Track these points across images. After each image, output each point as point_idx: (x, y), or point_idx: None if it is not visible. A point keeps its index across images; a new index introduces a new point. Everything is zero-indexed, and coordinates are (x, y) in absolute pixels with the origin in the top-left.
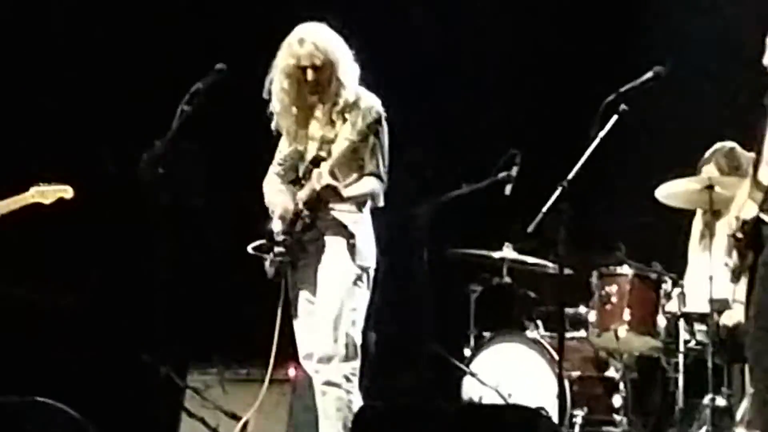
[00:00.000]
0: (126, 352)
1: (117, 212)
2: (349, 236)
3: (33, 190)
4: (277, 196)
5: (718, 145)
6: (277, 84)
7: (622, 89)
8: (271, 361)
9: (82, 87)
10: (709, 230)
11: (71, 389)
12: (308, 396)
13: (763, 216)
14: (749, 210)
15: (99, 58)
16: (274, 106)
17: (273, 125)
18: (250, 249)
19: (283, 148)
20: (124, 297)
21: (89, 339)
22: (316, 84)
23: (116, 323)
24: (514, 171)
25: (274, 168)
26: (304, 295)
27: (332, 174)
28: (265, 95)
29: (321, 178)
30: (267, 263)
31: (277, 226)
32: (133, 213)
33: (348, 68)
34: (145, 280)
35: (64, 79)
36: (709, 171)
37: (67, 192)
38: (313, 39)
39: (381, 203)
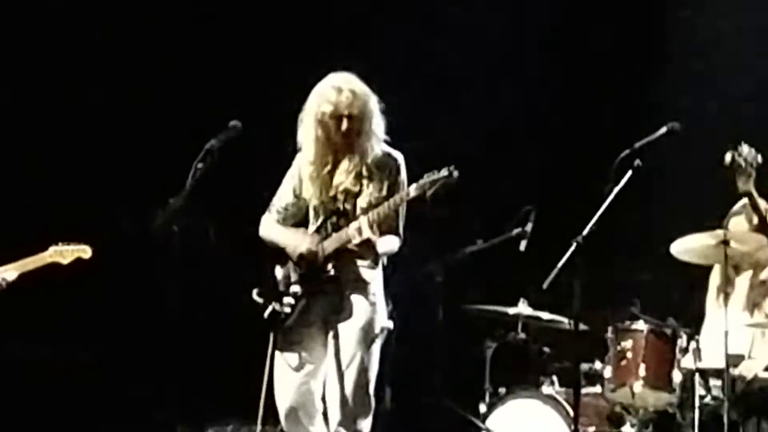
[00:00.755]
0: (141, 411)
1: (132, 270)
2: (370, 294)
3: (52, 249)
4: (293, 234)
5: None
6: (310, 132)
7: (637, 145)
8: (260, 413)
9: (98, 145)
10: (725, 286)
11: None
12: None
13: None
14: None
15: (115, 116)
16: (305, 154)
17: (295, 162)
18: (255, 295)
19: (284, 196)
20: (139, 355)
21: (105, 397)
22: (348, 134)
23: (132, 381)
24: (529, 227)
25: (273, 215)
26: (304, 349)
27: (371, 229)
28: (299, 138)
29: (361, 231)
30: (268, 311)
31: (280, 273)
32: (148, 271)
33: (379, 121)
34: (161, 338)
35: (81, 138)
36: (737, 222)
37: (85, 252)
38: (351, 87)
39: (385, 260)
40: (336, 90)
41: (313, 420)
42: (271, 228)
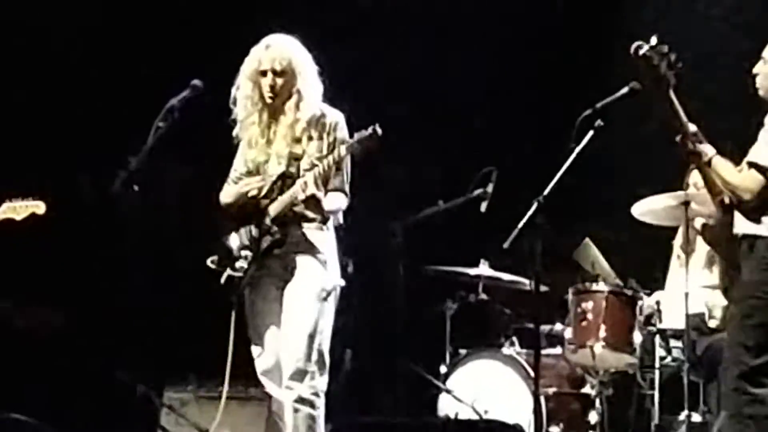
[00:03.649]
0: (102, 370)
1: (92, 230)
2: (319, 253)
3: (5, 206)
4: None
5: None
6: (243, 90)
7: (598, 104)
8: (227, 377)
9: (58, 103)
10: (687, 246)
11: (48, 407)
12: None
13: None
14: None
15: (73, 74)
16: (238, 113)
17: (234, 132)
18: (208, 262)
19: (238, 166)
20: (100, 315)
21: (65, 357)
22: (272, 89)
23: (92, 341)
24: (490, 188)
25: (230, 185)
26: (266, 311)
27: (315, 185)
28: (231, 103)
29: (306, 187)
30: (223, 278)
31: (235, 242)
32: (108, 230)
33: (311, 83)
34: (121, 298)
35: (39, 95)
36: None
37: (39, 207)
38: (279, 45)
39: (341, 220)
40: (264, 47)
41: None
42: (225, 193)
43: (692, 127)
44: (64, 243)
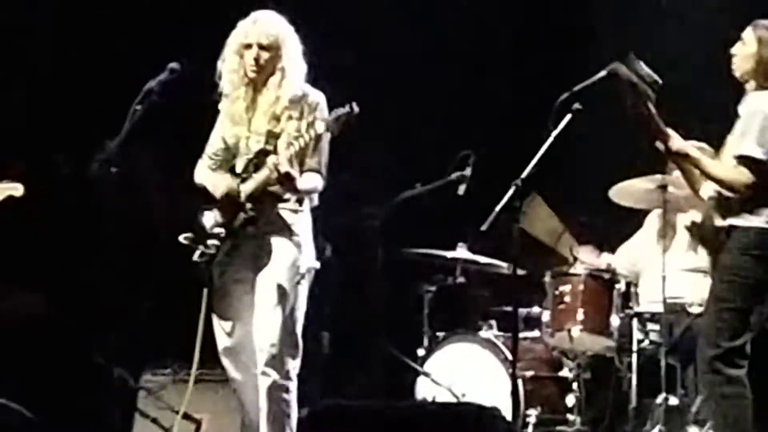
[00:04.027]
0: (79, 353)
1: (70, 212)
2: (293, 235)
3: None
4: (215, 176)
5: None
6: (228, 64)
7: (576, 88)
8: (195, 358)
9: (36, 85)
10: (664, 230)
11: (25, 390)
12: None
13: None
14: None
15: (52, 57)
16: (223, 87)
17: (220, 106)
18: (181, 238)
19: (215, 142)
20: (77, 298)
21: (42, 339)
22: (256, 63)
23: (69, 324)
24: (468, 171)
25: (205, 161)
26: (235, 292)
27: (290, 164)
28: (216, 77)
29: (279, 165)
30: (196, 255)
31: (209, 220)
32: (86, 213)
33: (295, 62)
34: (99, 280)
35: (17, 77)
36: None
37: (17, 190)
38: (267, 20)
39: (316, 202)
40: (251, 21)
41: (254, 361)
42: (200, 173)
43: (673, 134)
44: (42, 226)
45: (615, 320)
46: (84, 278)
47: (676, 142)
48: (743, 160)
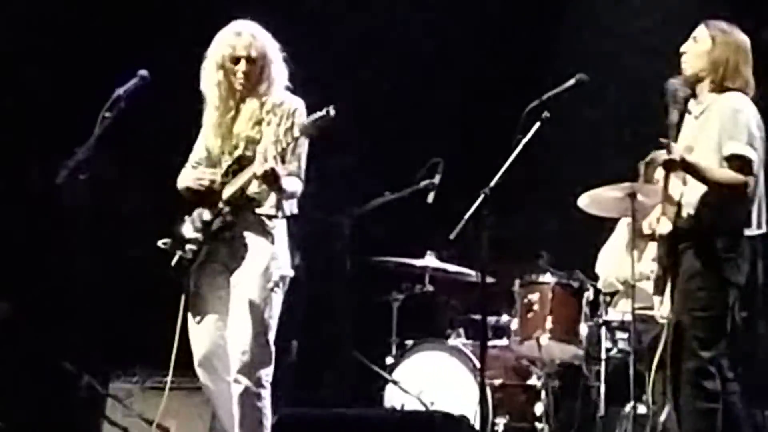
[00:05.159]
0: (48, 360)
1: (38, 219)
2: (269, 242)
3: None
4: (193, 171)
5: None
6: (212, 77)
7: (545, 96)
8: (171, 366)
9: (4, 92)
10: (634, 239)
11: None
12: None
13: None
14: (664, 226)
15: (19, 64)
16: (209, 99)
17: (204, 117)
18: (159, 244)
19: (198, 150)
20: (46, 305)
21: (10, 346)
22: (246, 76)
23: (38, 331)
24: (437, 179)
25: (193, 162)
26: (209, 299)
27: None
28: (201, 89)
29: (266, 161)
30: (174, 260)
31: (187, 226)
32: (54, 220)
33: (279, 69)
34: (67, 287)
35: None
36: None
37: None
38: (251, 32)
39: (295, 210)
40: (236, 33)
41: (228, 369)
42: (181, 177)
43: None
44: (10, 232)
45: (584, 329)
46: (52, 285)
47: (678, 151)
48: (737, 160)
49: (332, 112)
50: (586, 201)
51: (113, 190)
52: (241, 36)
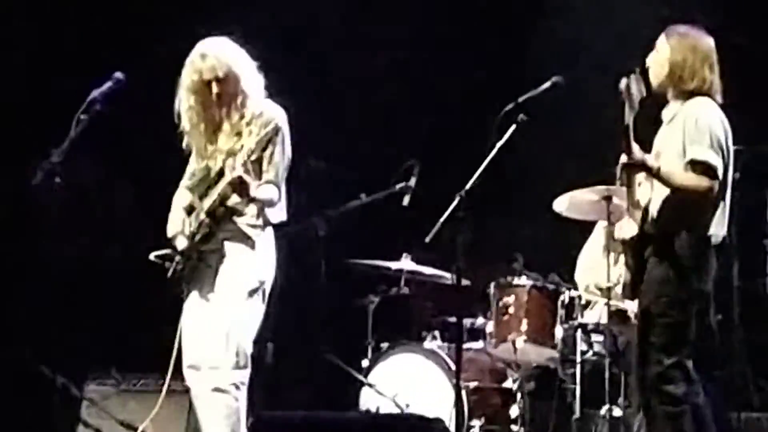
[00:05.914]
0: (23, 363)
1: (14, 221)
2: (250, 248)
3: None
4: (180, 193)
5: None
6: (185, 102)
7: (521, 99)
8: (170, 371)
9: None
10: (609, 241)
11: None
12: None
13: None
14: (630, 229)
15: None
16: (184, 126)
17: (184, 144)
18: (152, 256)
19: (192, 163)
20: (21, 307)
21: None
22: (221, 97)
23: (13, 333)
24: (413, 181)
25: (185, 182)
26: (195, 305)
27: (246, 172)
28: (176, 118)
29: (234, 170)
30: (169, 273)
31: (181, 242)
32: (30, 223)
33: (252, 79)
34: (43, 290)
35: None
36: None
37: None
38: (215, 53)
39: (280, 218)
40: (201, 57)
41: (210, 373)
42: (174, 201)
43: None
44: None
45: (559, 331)
46: (28, 288)
47: (638, 153)
48: (700, 165)
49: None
50: (561, 204)
51: (90, 192)
52: (206, 59)
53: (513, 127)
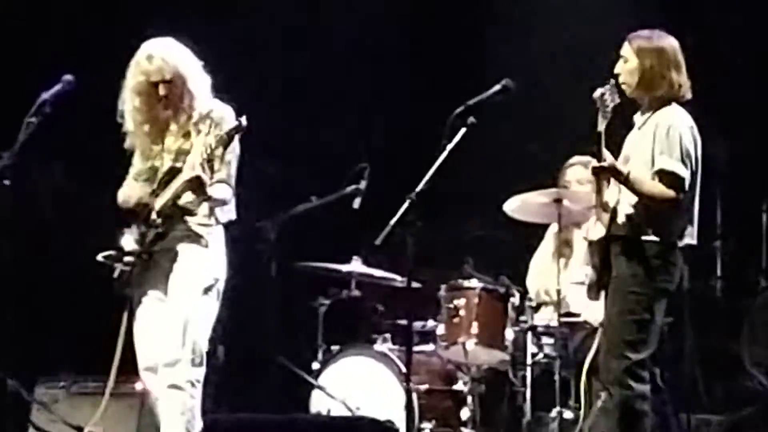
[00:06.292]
0: None
1: None
2: (202, 247)
3: None
4: (130, 185)
5: (578, 158)
6: (129, 103)
7: (471, 102)
8: (113, 372)
9: None
10: (560, 244)
11: None
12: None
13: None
14: (597, 231)
15: None
16: (127, 126)
17: (126, 144)
18: (99, 257)
19: (137, 164)
20: None
21: None
22: (168, 98)
23: None
24: (363, 184)
25: (129, 182)
26: (149, 305)
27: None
28: (118, 118)
29: (193, 169)
30: (116, 273)
31: (127, 238)
32: None
33: (199, 80)
34: None
35: None
36: (575, 172)
37: None
38: (161, 54)
39: (230, 217)
40: (147, 59)
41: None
42: (121, 193)
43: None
44: None
45: (510, 334)
46: None
47: (609, 159)
48: (668, 177)
49: (244, 123)
50: (512, 206)
51: (39, 194)
52: (152, 60)
53: (463, 129)
